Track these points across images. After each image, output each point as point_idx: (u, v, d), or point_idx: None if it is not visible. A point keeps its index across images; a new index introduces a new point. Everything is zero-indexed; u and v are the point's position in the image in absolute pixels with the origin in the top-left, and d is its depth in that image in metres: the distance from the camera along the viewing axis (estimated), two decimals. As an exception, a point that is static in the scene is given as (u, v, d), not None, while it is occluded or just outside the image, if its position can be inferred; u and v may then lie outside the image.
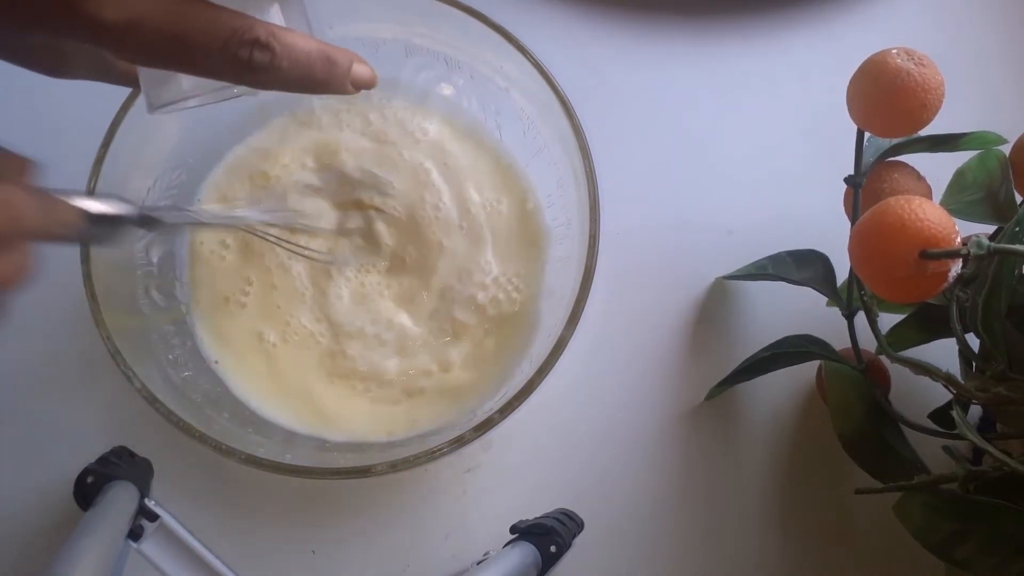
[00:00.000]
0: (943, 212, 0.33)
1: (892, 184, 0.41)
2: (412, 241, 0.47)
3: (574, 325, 0.40)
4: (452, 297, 0.46)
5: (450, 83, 0.49)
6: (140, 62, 0.29)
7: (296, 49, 0.29)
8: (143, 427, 0.44)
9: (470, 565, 0.44)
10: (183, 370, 0.43)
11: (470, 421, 0.41)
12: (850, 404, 0.44)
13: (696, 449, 0.49)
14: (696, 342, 0.50)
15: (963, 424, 0.37)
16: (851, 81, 0.39)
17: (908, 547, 0.39)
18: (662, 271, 0.51)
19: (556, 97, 0.43)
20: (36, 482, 0.45)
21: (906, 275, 0.33)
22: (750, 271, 0.49)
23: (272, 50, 0.28)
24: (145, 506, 0.41)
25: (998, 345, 0.36)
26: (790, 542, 0.48)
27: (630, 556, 0.47)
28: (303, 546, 0.46)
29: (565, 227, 0.46)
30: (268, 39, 0.28)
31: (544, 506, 0.46)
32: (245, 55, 0.27)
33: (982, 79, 0.56)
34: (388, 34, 0.47)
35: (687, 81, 0.55)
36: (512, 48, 0.44)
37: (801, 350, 0.46)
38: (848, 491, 0.44)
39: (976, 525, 0.37)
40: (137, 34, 0.26)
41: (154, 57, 0.27)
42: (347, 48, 0.31)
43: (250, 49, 0.27)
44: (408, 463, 0.39)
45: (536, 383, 0.40)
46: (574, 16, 0.56)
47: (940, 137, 0.41)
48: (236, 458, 0.38)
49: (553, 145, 0.46)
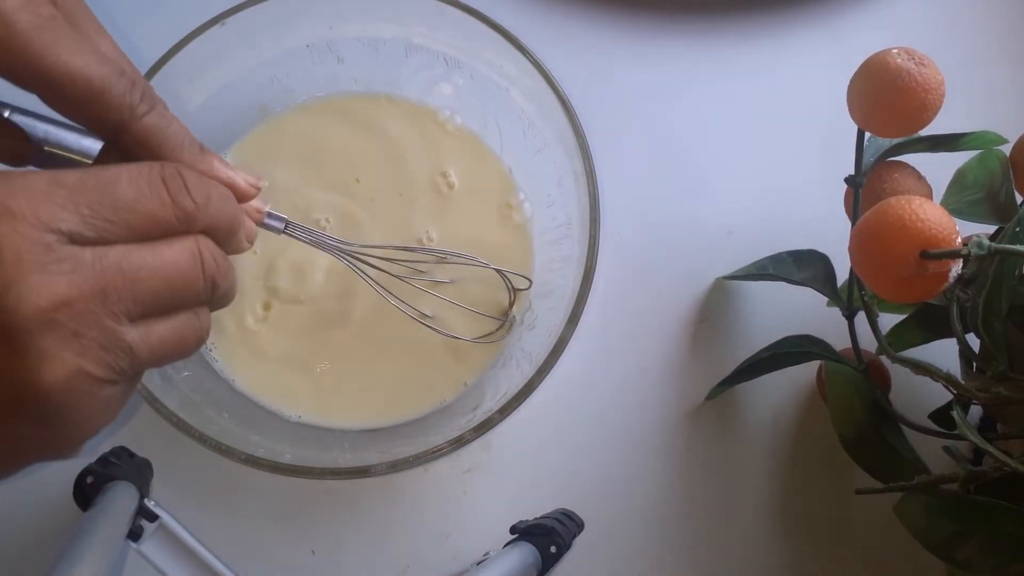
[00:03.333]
0: (943, 212, 0.33)
1: (892, 184, 0.41)
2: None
3: (574, 325, 0.40)
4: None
5: (450, 83, 0.49)
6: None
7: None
8: (143, 427, 0.44)
9: (470, 565, 0.44)
10: (183, 370, 0.43)
11: (470, 421, 0.41)
12: (850, 404, 0.44)
13: (696, 449, 0.49)
14: (696, 342, 0.50)
15: (963, 424, 0.37)
16: (851, 81, 0.39)
17: (908, 547, 0.39)
18: (662, 271, 0.51)
19: (556, 97, 0.43)
20: (36, 482, 0.45)
21: (906, 275, 0.33)
22: (750, 271, 0.49)
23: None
24: (145, 506, 0.41)
25: (998, 345, 0.36)
26: (790, 542, 0.48)
27: (630, 556, 0.47)
28: (303, 546, 0.46)
29: (565, 227, 0.46)
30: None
31: (544, 506, 0.46)
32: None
33: (982, 79, 0.56)
34: (388, 34, 0.47)
35: (687, 81, 0.55)
36: (512, 48, 0.44)
37: (801, 350, 0.46)
38: (848, 491, 0.44)
39: (976, 525, 0.37)
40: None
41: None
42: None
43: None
44: (408, 463, 0.39)
45: (536, 383, 0.40)
46: (574, 16, 0.56)
47: (940, 137, 0.41)
48: (236, 458, 0.38)
49: (553, 145, 0.46)
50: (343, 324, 0.46)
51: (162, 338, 0.25)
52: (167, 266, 0.25)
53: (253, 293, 0.46)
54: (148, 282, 0.24)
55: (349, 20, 0.46)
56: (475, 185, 0.49)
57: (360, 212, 0.48)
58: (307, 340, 0.46)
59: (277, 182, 0.48)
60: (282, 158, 0.48)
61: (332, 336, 0.46)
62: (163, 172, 0.25)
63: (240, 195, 0.30)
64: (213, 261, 0.26)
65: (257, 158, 0.48)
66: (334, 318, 0.46)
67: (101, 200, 0.23)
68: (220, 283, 0.27)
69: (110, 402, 0.25)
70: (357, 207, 0.48)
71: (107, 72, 0.26)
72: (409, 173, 0.48)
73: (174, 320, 0.26)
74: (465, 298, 0.45)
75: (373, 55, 0.48)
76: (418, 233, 0.48)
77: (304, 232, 0.38)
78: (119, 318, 0.24)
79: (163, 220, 0.25)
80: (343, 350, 0.46)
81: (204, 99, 0.46)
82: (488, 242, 0.48)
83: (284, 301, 0.46)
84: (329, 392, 0.46)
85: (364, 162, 0.48)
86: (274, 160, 0.48)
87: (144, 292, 0.24)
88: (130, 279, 0.24)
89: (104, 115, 0.26)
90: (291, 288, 0.46)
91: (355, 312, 0.46)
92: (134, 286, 0.24)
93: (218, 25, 0.43)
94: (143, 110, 0.27)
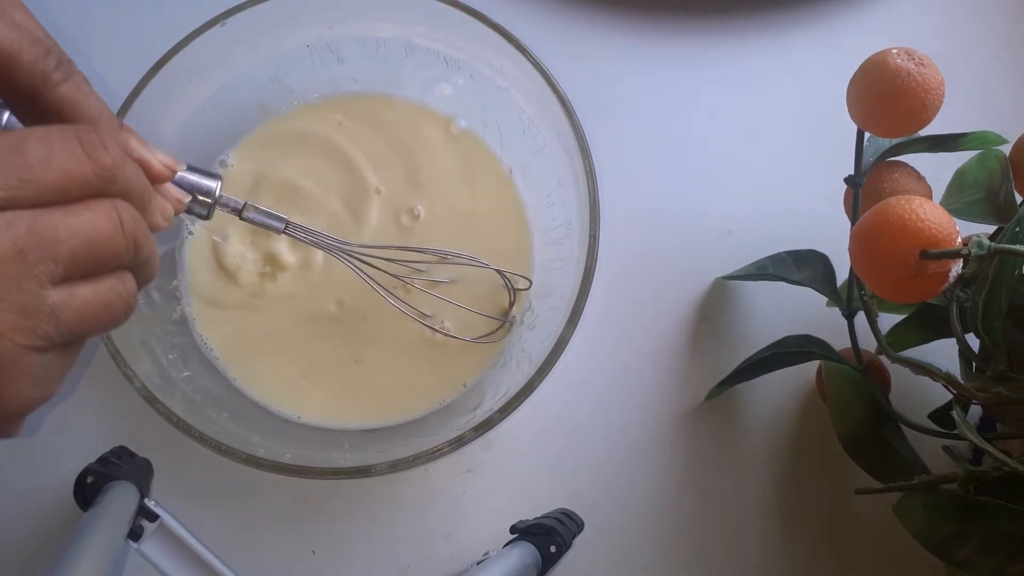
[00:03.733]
0: (943, 212, 0.33)
1: (892, 184, 0.41)
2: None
3: (574, 325, 0.40)
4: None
5: (450, 83, 0.49)
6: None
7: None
8: (143, 427, 0.44)
9: (470, 565, 0.44)
10: (183, 370, 0.43)
11: (470, 421, 0.41)
12: (850, 404, 0.44)
13: (696, 449, 0.49)
14: (696, 342, 0.50)
15: (963, 424, 0.37)
16: (851, 81, 0.39)
17: (908, 547, 0.39)
18: (662, 271, 0.51)
19: (556, 97, 0.43)
20: (36, 482, 0.45)
21: (906, 275, 0.33)
22: (750, 271, 0.49)
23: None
24: (145, 506, 0.41)
25: (998, 345, 0.36)
26: (790, 542, 0.48)
27: (630, 556, 0.47)
28: (303, 546, 0.46)
29: (565, 227, 0.46)
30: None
31: (544, 506, 0.46)
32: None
33: (982, 79, 0.56)
34: (388, 34, 0.47)
35: (687, 81, 0.55)
36: (512, 48, 0.44)
37: (801, 350, 0.46)
38: (848, 491, 0.44)
39: (976, 525, 0.37)
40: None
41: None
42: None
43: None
44: (408, 463, 0.39)
45: (536, 383, 0.40)
46: (574, 16, 0.56)
47: (940, 137, 0.41)
48: (236, 458, 0.38)
49: (553, 145, 0.46)
50: (343, 324, 0.46)
51: (87, 302, 0.24)
52: (86, 225, 0.24)
53: (253, 293, 0.46)
54: (68, 242, 0.23)
55: (349, 20, 0.46)
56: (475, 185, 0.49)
57: (360, 211, 0.48)
58: (307, 340, 0.46)
59: (277, 181, 0.48)
60: (282, 158, 0.48)
61: (332, 336, 0.46)
62: (76, 131, 0.24)
63: (154, 176, 0.29)
64: (132, 222, 0.25)
65: (257, 158, 0.48)
66: (334, 318, 0.46)
67: (11, 160, 0.23)
68: (143, 244, 0.26)
69: (41, 372, 0.24)
70: (357, 206, 0.48)
71: (17, 38, 0.25)
72: (409, 173, 0.48)
73: (98, 284, 0.25)
74: (465, 298, 0.45)
75: (373, 55, 0.48)
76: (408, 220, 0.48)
77: (304, 232, 0.38)
78: (40, 280, 0.23)
79: (80, 177, 0.24)
80: (343, 350, 0.46)
81: (204, 99, 0.46)
82: (479, 214, 0.48)
83: (284, 301, 0.46)
84: (329, 392, 0.46)
85: (364, 162, 0.48)
86: (274, 160, 0.48)
87: (64, 253, 0.23)
88: (48, 239, 0.23)
89: (15, 81, 0.26)
90: (291, 288, 0.46)
91: (355, 312, 0.46)
92: (53, 246, 0.23)
93: (218, 25, 0.43)
94: (58, 78, 0.26)
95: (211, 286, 0.46)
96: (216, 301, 0.46)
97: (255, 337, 0.46)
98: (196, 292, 0.46)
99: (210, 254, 0.47)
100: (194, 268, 0.47)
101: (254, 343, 0.46)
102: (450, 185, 0.49)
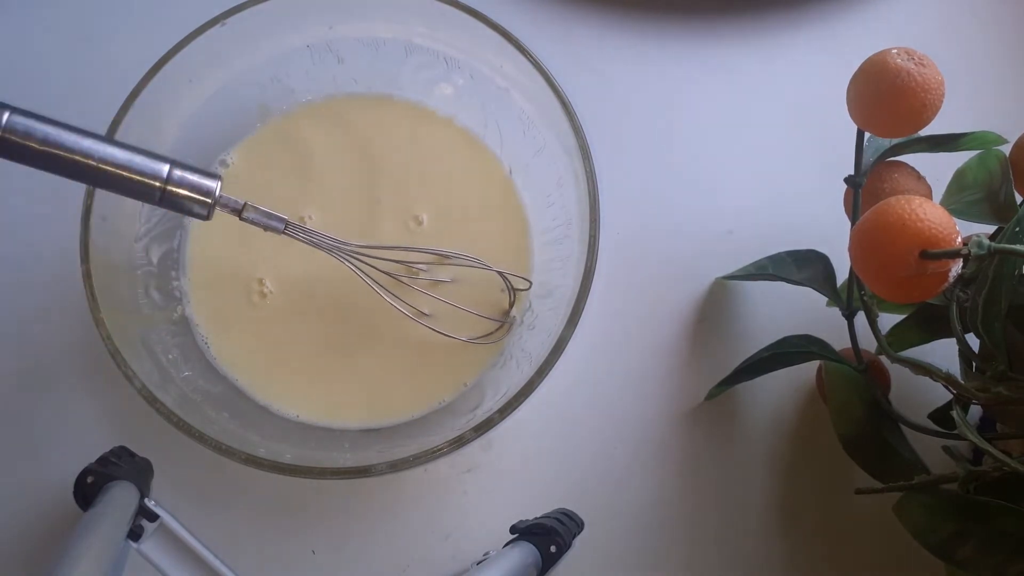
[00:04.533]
0: (943, 212, 0.33)
1: (892, 184, 0.41)
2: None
3: (574, 325, 0.40)
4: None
5: (450, 83, 0.49)
6: None
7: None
8: (143, 427, 0.44)
9: (470, 565, 0.44)
10: (183, 370, 0.43)
11: (470, 421, 0.41)
12: (850, 404, 0.44)
13: (696, 449, 0.49)
14: (696, 342, 0.50)
15: (963, 424, 0.37)
16: (851, 81, 0.39)
17: (908, 547, 0.39)
18: (662, 271, 0.51)
19: (556, 97, 0.43)
20: (36, 482, 0.45)
21: (906, 275, 0.33)
22: (750, 271, 0.49)
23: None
24: (145, 506, 0.41)
25: (998, 345, 0.36)
26: (790, 542, 0.48)
27: (630, 556, 0.47)
28: (303, 546, 0.46)
29: (565, 227, 0.46)
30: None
31: (544, 506, 0.46)
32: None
33: (982, 79, 0.56)
34: (388, 34, 0.47)
35: (687, 81, 0.55)
36: (512, 48, 0.44)
37: (801, 350, 0.46)
38: (848, 491, 0.44)
39: (976, 525, 0.37)
40: None
41: None
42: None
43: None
44: (408, 463, 0.39)
45: (536, 383, 0.40)
46: (574, 16, 0.56)
47: (940, 137, 0.41)
48: (236, 458, 0.38)
49: (553, 145, 0.46)
50: (343, 324, 0.46)
51: None
52: None
53: (252, 293, 0.46)
54: None
55: (349, 20, 0.46)
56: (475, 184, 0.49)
57: (359, 211, 0.48)
58: (307, 340, 0.46)
59: (277, 182, 0.48)
60: (282, 158, 0.48)
61: (332, 336, 0.46)
62: None
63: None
64: None
65: (257, 158, 0.48)
66: (334, 318, 0.46)
67: None
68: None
69: None
70: (356, 206, 0.48)
71: None
72: (408, 173, 0.48)
73: None
74: (465, 298, 0.45)
75: (373, 55, 0.48)
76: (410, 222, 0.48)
77: (304, 232, 0.38)
78: None
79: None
80: (343, 350, 0.46)
81: (204, 99, 0.46)
82: (479, 214, 0.48)
83: (284, 301, 0.46)
84: (329, 392, 0.46)
85: (364, 162, 0.48)
86: (274, 160, 0.48)
87: None
88: None
89: None
90: (291, 288, 0.46)
91: (355, 312, 0.46)
92: None
93: (218, 25, 0.43)
94: None
95: (211, 286, 0.46)
96: (216, 301, 0.46)
97: (255, 337, 0.46)
98: (196, 292, 0.46)
99: (210, 254, 0.47)
100: (194, 268, 0.47)
101: (254, 343, 0.46)
102: (450, 185, 0.49)
